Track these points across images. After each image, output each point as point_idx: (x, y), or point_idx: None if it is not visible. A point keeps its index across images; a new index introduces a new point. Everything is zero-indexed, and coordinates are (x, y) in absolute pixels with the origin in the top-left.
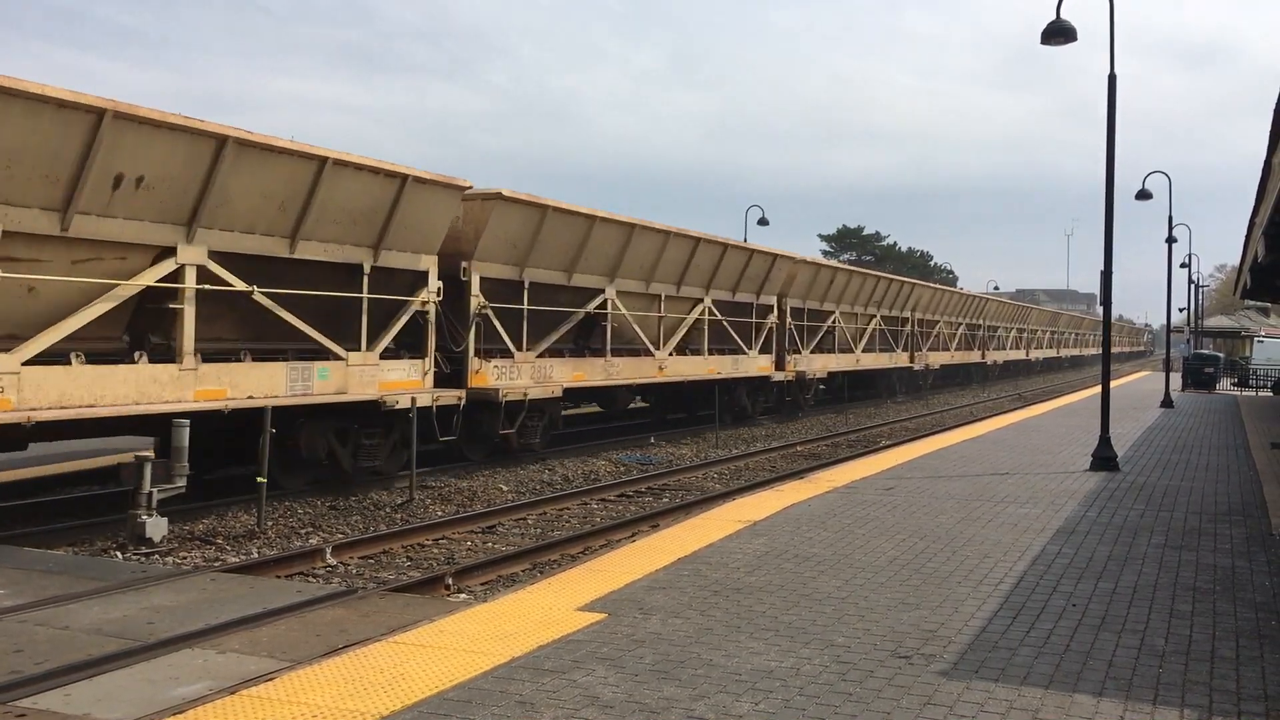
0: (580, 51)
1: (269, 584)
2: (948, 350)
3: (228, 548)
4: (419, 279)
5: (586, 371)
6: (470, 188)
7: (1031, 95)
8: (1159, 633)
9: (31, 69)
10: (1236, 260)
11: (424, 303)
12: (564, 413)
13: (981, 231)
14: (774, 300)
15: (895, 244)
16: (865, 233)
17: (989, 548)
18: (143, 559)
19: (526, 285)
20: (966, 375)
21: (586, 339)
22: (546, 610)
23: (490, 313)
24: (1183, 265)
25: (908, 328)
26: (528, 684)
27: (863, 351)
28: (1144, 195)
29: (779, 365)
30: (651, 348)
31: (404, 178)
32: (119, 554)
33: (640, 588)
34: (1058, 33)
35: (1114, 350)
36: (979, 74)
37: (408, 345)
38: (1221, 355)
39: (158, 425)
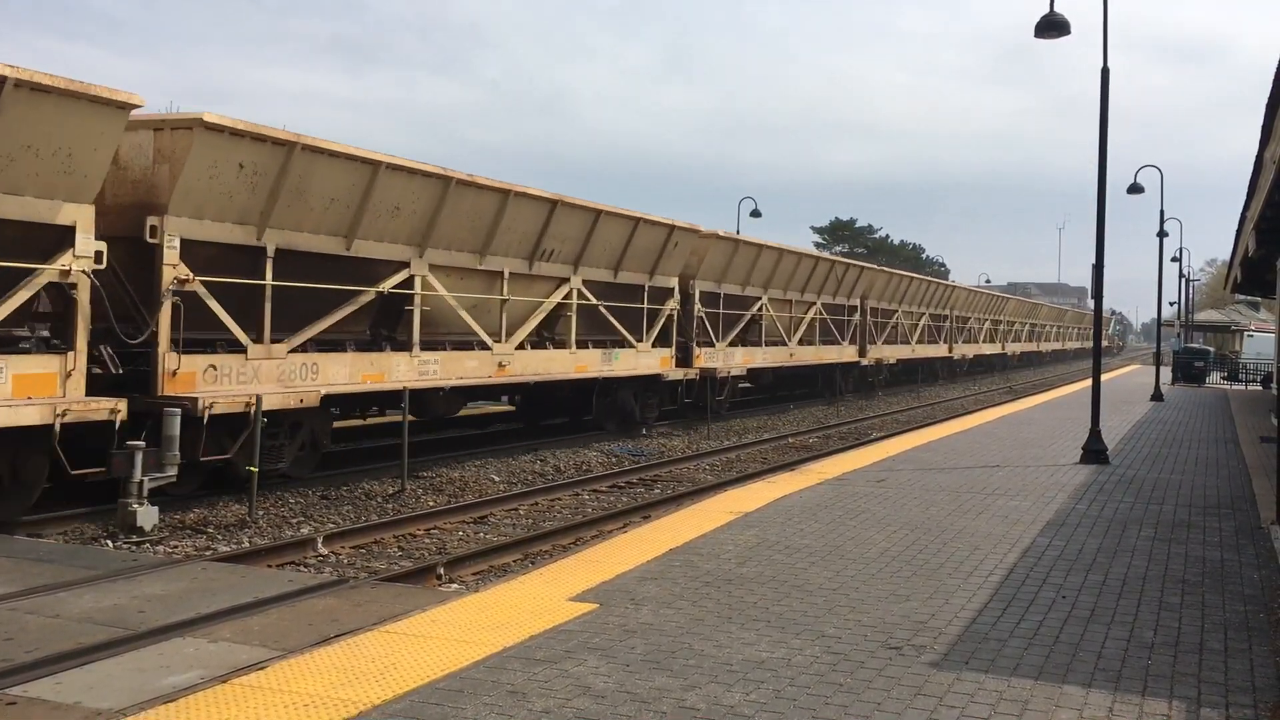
0: (571, 46)
1: (260, 573)
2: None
3: (219, 537)
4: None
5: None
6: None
7: (1024, 91)
8: (1148, 625)
9: (15, 57)
10: (1227, 255)
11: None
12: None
13: (974, 226)
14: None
15: (887, 237)
16: (857, 225)
17: (979, 540)
18: (133, 548)
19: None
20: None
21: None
22: (538, 600)
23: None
24: (1174, 259)
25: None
26: (519, 674)
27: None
28: (1135, 189)
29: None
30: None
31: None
32: (110, 543)
33: (632, 578)
34: (1051, 26)
35: (1070, 346)
36: (972, 70)
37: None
38: (1211, 350)
39: None
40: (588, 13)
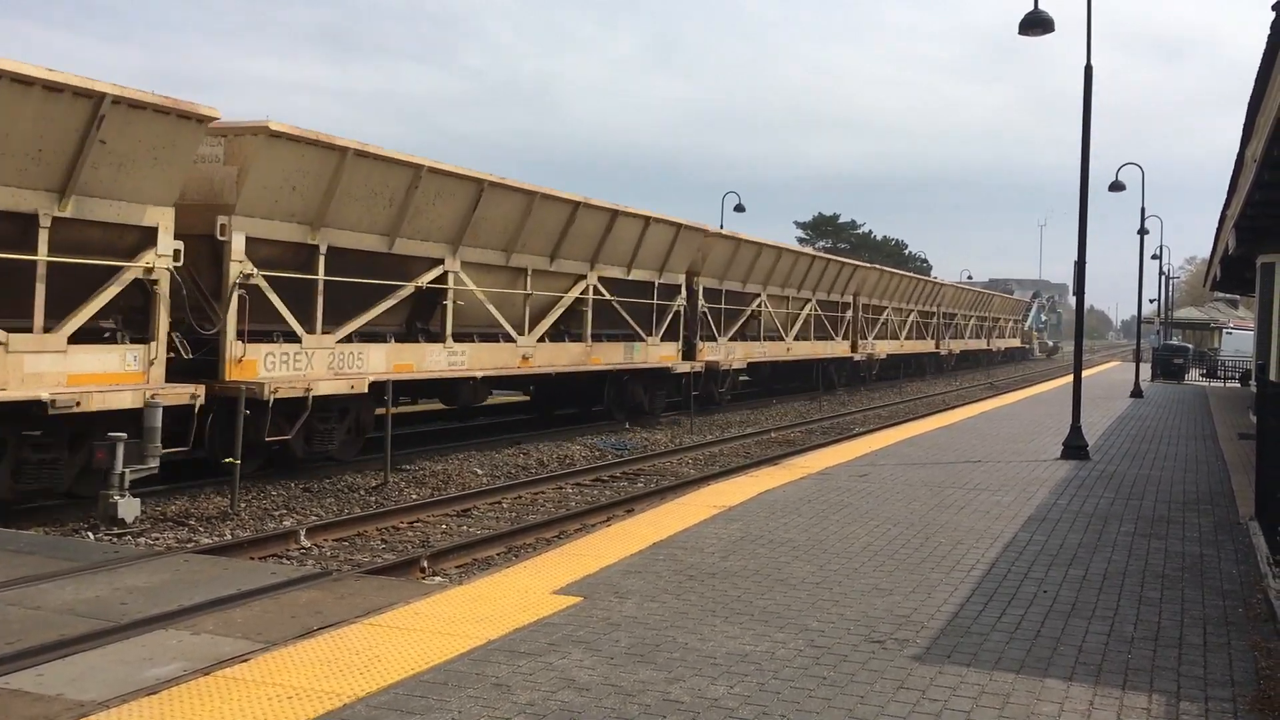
0: (555, 37)
1: (243, 565)
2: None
3: (201, 529)
4: None
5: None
6: None
7: (1008, 87)
8: (1128, 619)
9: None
10: (1207, 253)
11: None
12: None
13: (956, 221)
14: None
15: (870, 232)
16: (841, 220)
17: (962, 534)
18: (115, 540)
19: None
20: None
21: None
22: (522, 593)
23: None
24: (1154, 257)
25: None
26: (504, 666)
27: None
28: (1117, 186)
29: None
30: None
31: None
32: (91, 535)
33: (616, 572)
34: (1035, 23)
35: (970, 348)
36: (955, 65)
37: None
38: (1191, 347)
39: None
40: (571, 1)
